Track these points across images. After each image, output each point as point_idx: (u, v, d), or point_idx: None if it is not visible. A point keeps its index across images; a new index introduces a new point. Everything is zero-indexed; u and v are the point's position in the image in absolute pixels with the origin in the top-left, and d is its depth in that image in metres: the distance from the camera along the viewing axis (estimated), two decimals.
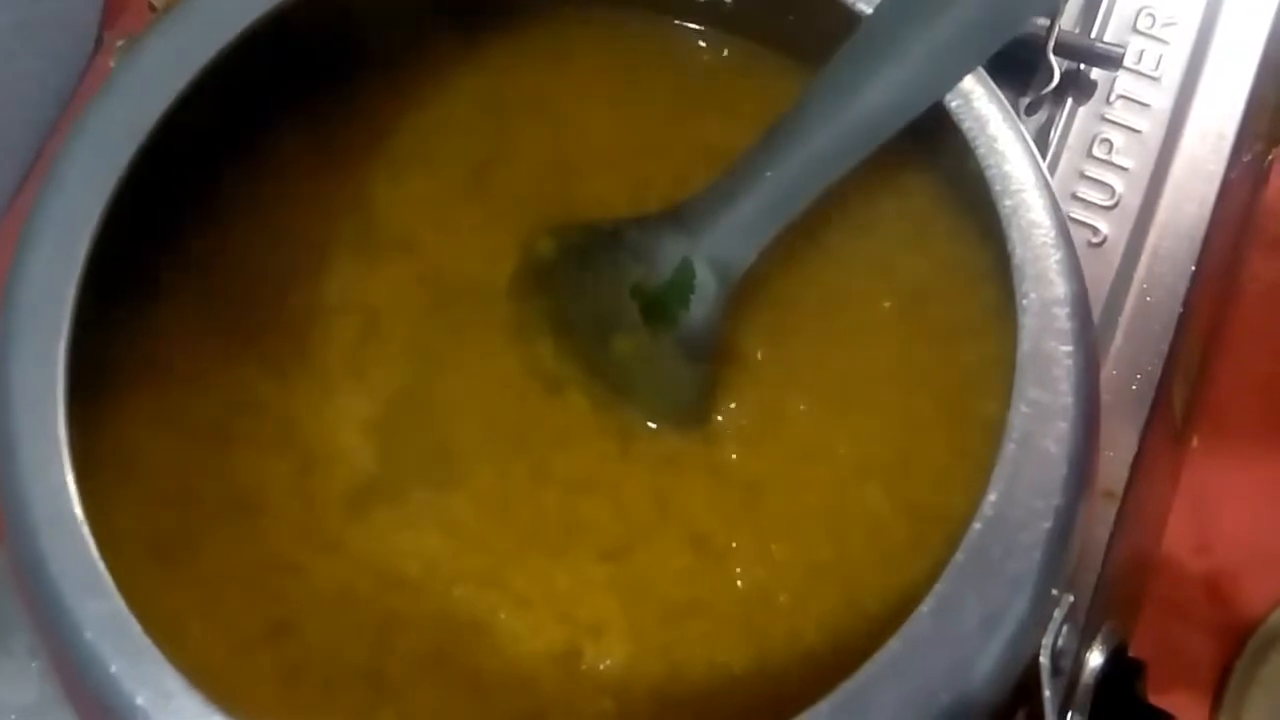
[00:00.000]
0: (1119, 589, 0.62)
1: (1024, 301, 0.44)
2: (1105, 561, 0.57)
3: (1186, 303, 0.60)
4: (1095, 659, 0.56)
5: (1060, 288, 0.44)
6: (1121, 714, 0.55)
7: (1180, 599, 0.72)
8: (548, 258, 0.53)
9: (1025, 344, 0.43)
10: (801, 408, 0.51)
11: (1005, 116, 0.46)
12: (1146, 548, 0.71)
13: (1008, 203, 0.45)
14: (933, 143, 0.50)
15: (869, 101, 0.47)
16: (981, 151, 0.46)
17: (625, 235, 0.52)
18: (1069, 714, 0.54)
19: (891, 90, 0.46)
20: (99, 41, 0.74)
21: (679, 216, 0.51)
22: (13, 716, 0.52)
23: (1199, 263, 0.61)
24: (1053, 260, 0.44)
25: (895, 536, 0.48)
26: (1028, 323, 0.43)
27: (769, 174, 0.49)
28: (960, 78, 0.47)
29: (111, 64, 0.47)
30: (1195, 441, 0.74)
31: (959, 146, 0.46)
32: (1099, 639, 0.56)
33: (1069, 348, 0.43)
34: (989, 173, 0.45)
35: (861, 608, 0.47)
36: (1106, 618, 0.58)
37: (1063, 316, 0.44)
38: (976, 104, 0.47)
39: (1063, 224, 0.45)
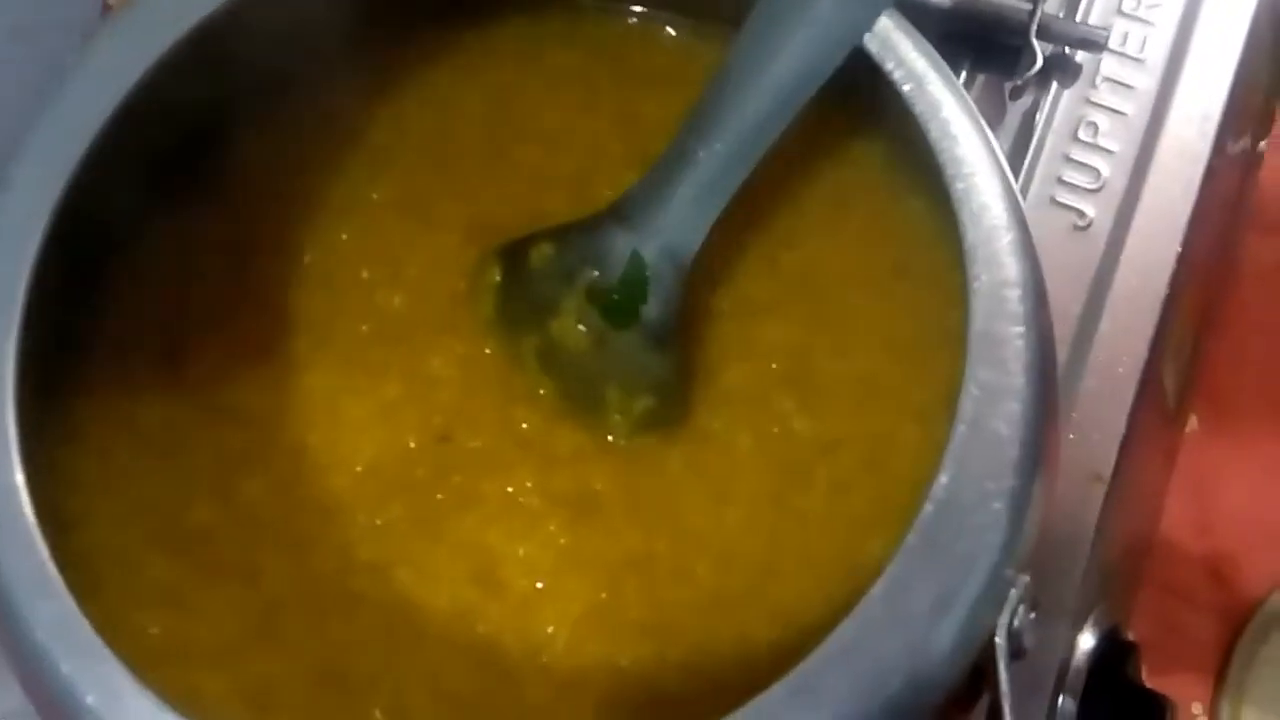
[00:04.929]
0: (1112, 571, 0.62)
1: (975, 284, 0.44)
2: (1094, 544, 0.57)
3: (1173, 285, 0.60)
4: (1087, 641, 0.56)
5: (1011, 269, 0.44)
6: (1114, 695, 0.56)
7: (1181, 580, 0.72)
8: (499, 281, 0.54)
9: (976, 325, 0.43)
10: (774, 387, 0.51)
11: (957, 99, 0.46)
12: (1142, 530, 0.71)
13: (960, 185, 0.45)
14: (888, 127, 0.50)
15: (784, 62, 0.48)
16: (934, 135, 0.46)
17: (571, 239, 0.53)
18: (1060, 696, 0.54)
19: (804, 46, 0.47)
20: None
21: (620, 211, 0.52)
22: None
23: (1185, 245, 0.60)
24: (1004, 242, 0.44)
25: (851, 519, 0.49)
26: (978, 305, 0.43)
27: (700, 153, 0.49)
28: (870, 24, 0.48)
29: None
30: (1194, 423, 0.74)
31: (912, 130, 0.47)
32: (1090, 621, 0.56)
33: (1020, 329, 0.43)
34: (940, 156, 0.45)
35: (813, 593, 0.47)
36: (1098, 600, 0.58)
37: (1014, 299, 0.44)
38: (929, 87, 0.47)
39: (1016, 206, 0.45)
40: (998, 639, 0.42)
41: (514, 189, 0.55)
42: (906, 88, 0.47)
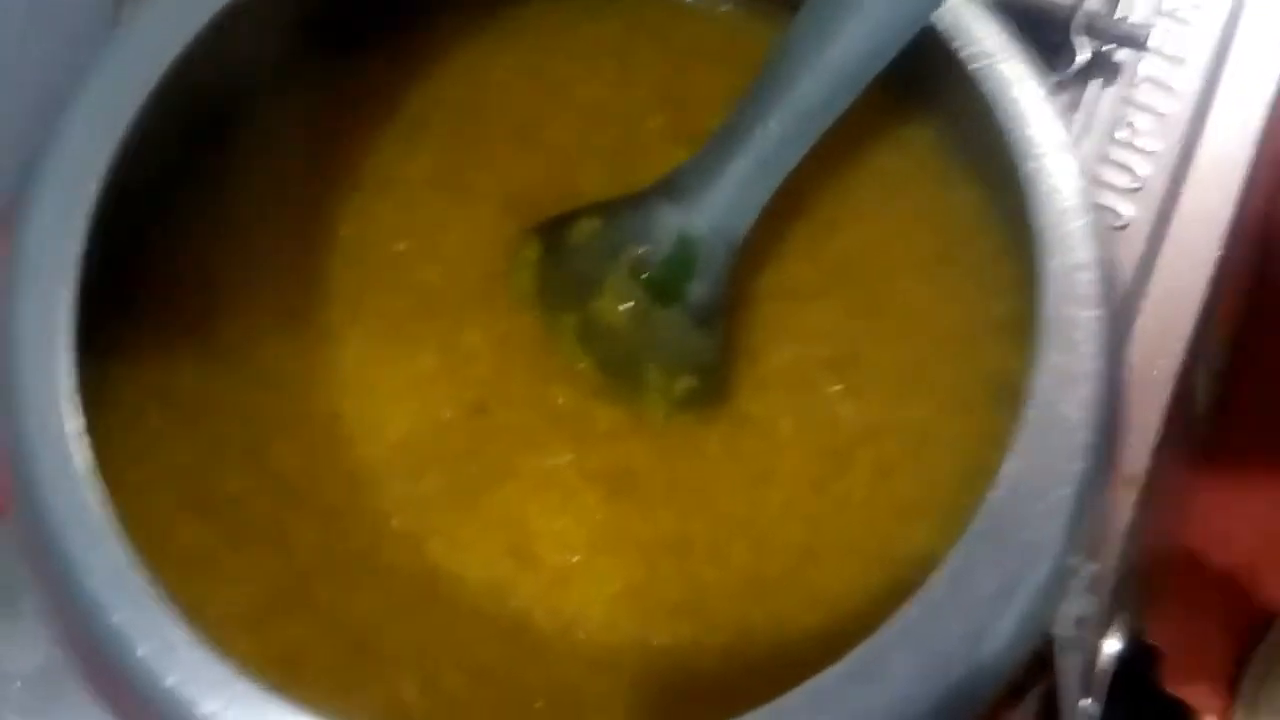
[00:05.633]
0: (1138, 577, 0.61)
1: (1045, 267, 0.43)
2: (1124, 547, 0.56)
3: (1210, 290, 0.59)
4: (1112, 645, 0.55)
5: (1084, 253, 0.43)
6: (1137, 700, 0.55)
7: (1199, 591, 0.71)
8: (538, 257, 0.53)
9: (1047, 310, 0.42)
10: (817, 372, 0.51)
11: (1029, 78, 0.46)
12: (1165, 537, 0.70)
13: (1031, 165, 0.44)
14: (942, 110, 0.50)
15: (849, 40, 0.46)
16: (1002, 115, 0.45)
17: (618, 215, 0.52)
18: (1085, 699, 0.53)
19: (869, 24, 0.46)
20: (115, 20, 0.73)
21: (670, 187, 0.51)
22: (18, 684, 0.52)
23: (1224, 249, 0.60)
24: (1075, 225, 0.44)
25: (893, 507, 0.48)
26: (1049, 288, 0.43)
27: (756, 131, 0.48)
28: (938, 3, 0.47)
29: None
30: (1218, 432, 0.73)
31: (980, 109, 0.46)
32: (1115, 625, 0.56)
33: (1093, 313, 0.43)
34: (1009, 136, 0.45)
35: (852, 581, 0.47)
36: (1124, 605, 0.57)
37: (1085, 282, 0.43)
38: (1000, 66, 0.46)
39: (1086, 189, 0.44)
40: (1060, 628, 0.41)
41: (550, 163, 0.55)
42: (975, 66, 0.46)
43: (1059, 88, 0.62)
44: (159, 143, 0.47)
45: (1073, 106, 0.62)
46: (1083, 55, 0.61)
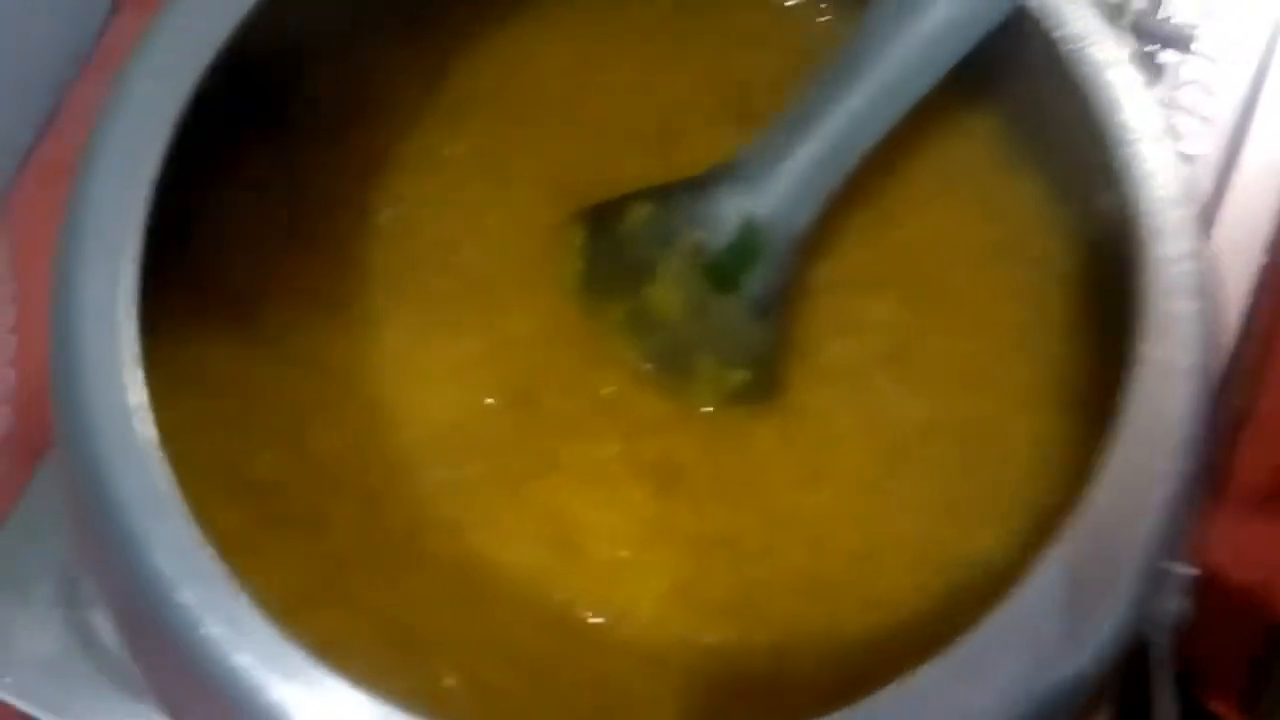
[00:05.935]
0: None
1: (1143, 258, 0.41)
2: None
3: (1252, 297, 0.58)
4: None
5: (1183, 243, 0.42)
6: None
7: (1217, 604, 0.71)
8: (584, 241, 0.51)
9: (1146, 303, 0.41)
10: (873, 366, 0.50)
11: (1123, 61, 0.44)
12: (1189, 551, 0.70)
13: (1125, 152, 0.43)
14: (1027, 91, 0.48)
15: (934, 20, 0.45)
16: (1094, 100, 0.43)
17: (672, 200, 0.50)
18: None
19: (958, 4, 0.45)
20: (115, 3, 0.71)
21: (731, 173, 0.49)
22: (30, 667, 0.51)
23: (1269, 254, 0.59)
24: (1174, 215, 0.42)
25: (951, 507, 0.47)
26: (1148, 280, 0.41)
27: (830, 114, 0.47)
28: None
29: None
30: (1243, 447, 0.72)
31: (1058, 94, 0.45)
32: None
33: (1193, 306, 0.41)
34: (1102, 122, 0.43)
35: (908, 583, 0.46)
36: None
37: (1185, 273, 0.42)
38: (1093, 49, 0.45)
39: (1184, 177, 0.43)
40: (1157, 629, 0.40)
41: (595, 145, 0.53)
42: (1067, 49, 0.44)
43: None
44: (207, 123, 0.45)
45: None
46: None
